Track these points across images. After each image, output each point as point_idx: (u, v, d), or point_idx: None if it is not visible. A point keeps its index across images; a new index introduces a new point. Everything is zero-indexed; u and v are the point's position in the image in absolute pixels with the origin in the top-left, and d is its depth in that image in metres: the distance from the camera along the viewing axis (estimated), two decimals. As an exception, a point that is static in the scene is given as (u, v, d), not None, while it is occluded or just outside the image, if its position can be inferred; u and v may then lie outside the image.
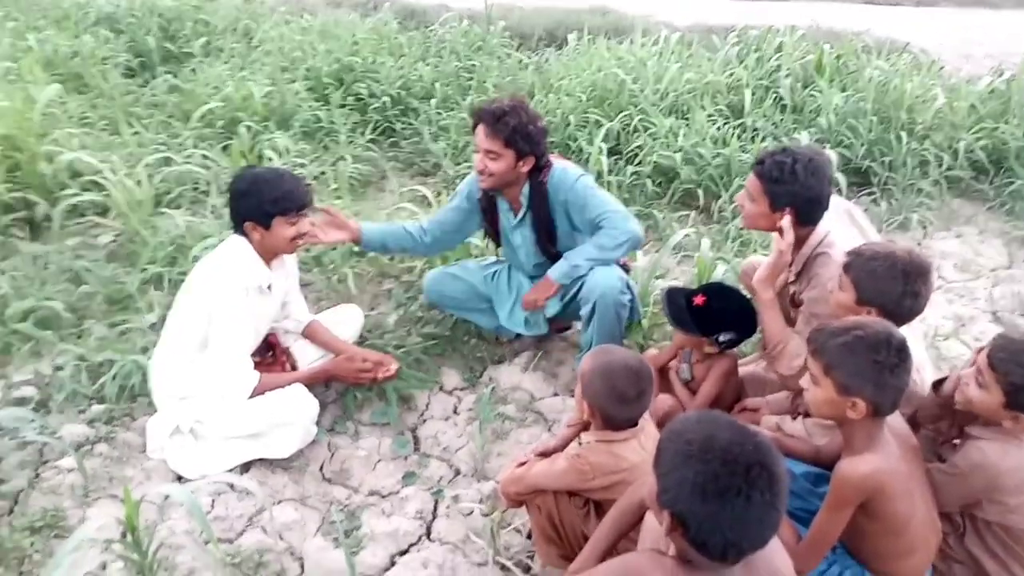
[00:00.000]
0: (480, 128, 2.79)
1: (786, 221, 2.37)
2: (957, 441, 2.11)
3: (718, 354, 2.58)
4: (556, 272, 2.92)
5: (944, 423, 2.14)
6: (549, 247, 3.02)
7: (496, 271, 3.24)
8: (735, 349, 2.65)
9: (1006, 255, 4.16)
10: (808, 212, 2.40)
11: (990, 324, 3.53)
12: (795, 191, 2.35)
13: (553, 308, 3.04)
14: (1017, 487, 1.92)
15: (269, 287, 2.70)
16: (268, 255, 2.69)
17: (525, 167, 2.84)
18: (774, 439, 1.54)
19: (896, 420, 1.99)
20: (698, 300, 2.48)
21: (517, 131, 2.74)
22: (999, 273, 3.99)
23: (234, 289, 2.58)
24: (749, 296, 2.63)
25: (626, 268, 3.03)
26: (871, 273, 2.12)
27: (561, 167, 2.92)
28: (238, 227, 2.64)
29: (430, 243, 3.15)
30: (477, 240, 3.54)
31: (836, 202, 2.62)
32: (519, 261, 3.15)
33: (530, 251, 3.08)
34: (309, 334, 2.98)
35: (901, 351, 1.82)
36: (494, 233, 3.15)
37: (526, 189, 2.92)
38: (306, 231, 2.68)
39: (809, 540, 1.92)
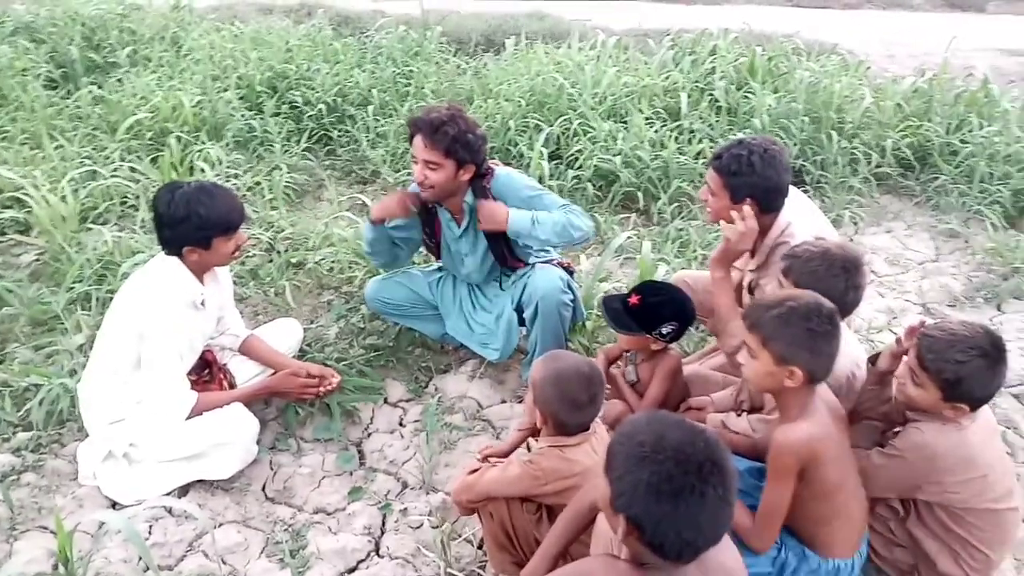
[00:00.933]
0: (418, 139, 2.75)
1: (747, 209, 2.44)
2: (899, 429, 2.17)
3: (662, 352, 2.61)
4: (516, 221, 2.76)
5: (889, 406, 2.19)
6: (506, 252, 2.97)
7: (440, 277, 3.21)
8: (677, 347, 2.67)
9: (933, 248, 4.31)
10: (769, 201, 2.48)
11: (920, 316, 3.64)
12: (754, 182, 2.42)
13: (499, 350, 3.04)
14: (955, 466, 1.99)
15: (203, 303, 2.62)
16: (202, 271, 2.62)
17: (466, 176, 2.81)
18: (718, 436, 1.58)
19: (824, 390, 2.06)
20: (633, 300, 2.51)
21: (457, 140, 2.70)
22: (927, 266, 4.12)
23: (166, 307, 2.50)
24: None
25: (569, 270, 3.03)
26: (812, 274, 2.16)
27: (505, 172, 2.91)
28: (173, 252, 2.54)
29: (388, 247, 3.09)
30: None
31: (797, 193, 2.70)
32: (464, 271, 3.11)
33: (479, 259, 3.04)
34: (246, 350, 2.90)
35: (831, 319, 1.91)
36: (435, 246, 3.10)
37: (469, 197, 2.89)
38: (243, 242, 2.62)
39: (760, 516, 1.97)
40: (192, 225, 2.46)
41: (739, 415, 2.43)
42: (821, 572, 2.03)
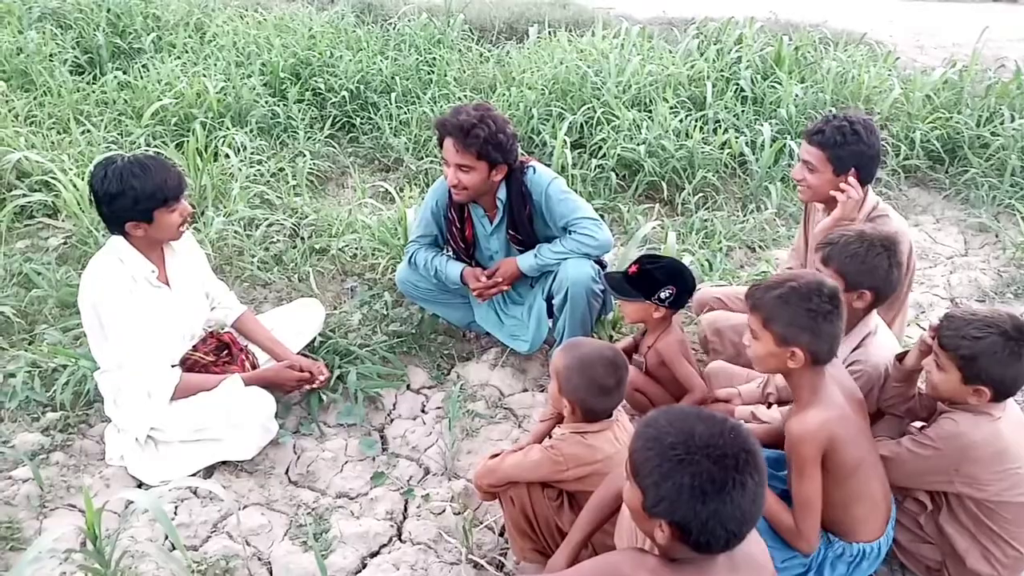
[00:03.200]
0: (449, 142, 2.73)
1: (852, 179, 2.54)
2: (924, 425, 2.14)
3: (665, 330, 2.64)
4: (525, 262, 2.91)
5: (916, 402, 2.17)
6: (528, 247, 2.96)
7: None
8: (680, 318, 2.73)
9: (962, 242, 4.24)
10: (870, 170, 2.59)
11: (948, 311, 3.58)
12: (860, 151, 2.52)
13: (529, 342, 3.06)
14: (990, 459, 1.97)
15: (164, 280, 2.59)
16: (154, 247, 2.57)
17: (499, 176, 2.81)
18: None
19: (840, 373, 2.05)
20: (632, 269, 2.60)
21: (488, 142, 2.69)
22: (956, 260, 4.06)
23: (112, 290, 2.46)
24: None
25: (602, 264, 3.01)
26: (854, 256, 2.17)
27: (538, 167, 2.90)
28: (116, 230, 2.50)
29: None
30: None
31: None
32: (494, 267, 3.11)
33: (508, 255, 3.03)
34: (240, 328, 2.86)
35: (833, 298, 1.90)
36: (465, 247, 3.06)
37: (502, 193, 2.88)
38: (188, 212, 2.55)
39: (799, 514, 1.95)
40: (128, 199, 2.39)
41: (768, 407, 2.41)
42: (846, 557, 2.02)
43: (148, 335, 2.52)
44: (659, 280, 2.55)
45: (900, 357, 2.21)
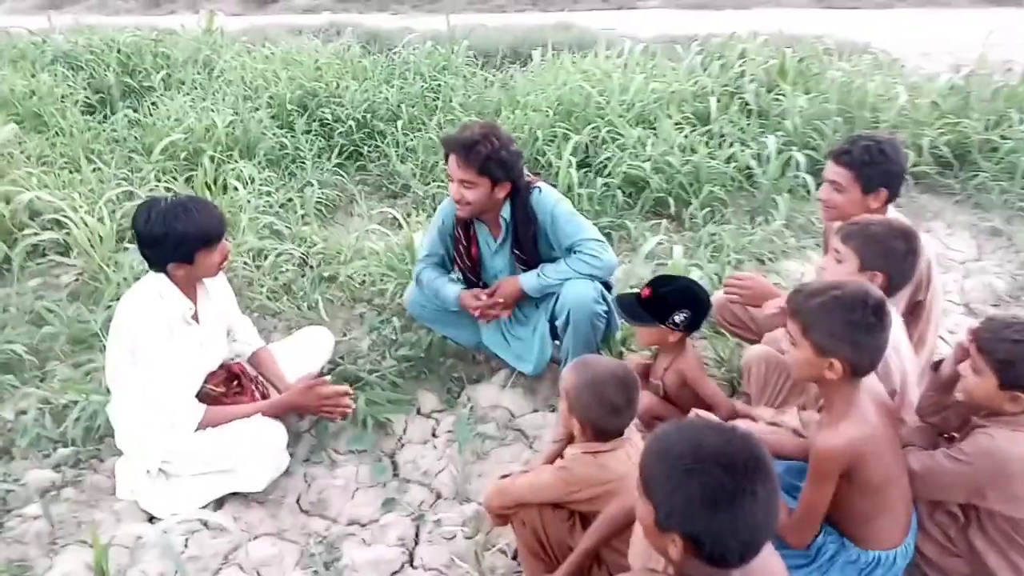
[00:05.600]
0: (452, 158, 2.76)
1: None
2: (956, 435, 2.09)
3: (681, 352, 2.61)
4: (527, 282, 2.89)
5: (950, 412, 2.12)
6: (532, 266, 2.93)
7: None
8: (694, 339, 2.68)
9: (975, 247, 4.19)
10: (896, 188, 2.57)
11: (963, 316, 3.54)
12: (888, 169, 2.52)
13: (533, 363, 3.04)
14: None
15: (195, 316, 2.60)
16: (191, 284, 2.60)
17: (502, 193, 2.82)
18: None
19: (873, 383, 2.00)
20: (645, 292, 2.55)
21: (491, 159, 2.70)
22: (969, 266, 4.01)
23: (153, 325, 2.47)
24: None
25: (607, 284, 2.99)
26: (872, 237, 2.17)
27: (544, 188, 2.90)
28: (158, 269, 2.52)
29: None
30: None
31: None
32: None
33: (511, 275, 3.02)
34: (255, 362, 2.87)
35: (878, 311, 1.83)
36: (471, 265, 3.06)
37: (505, 211, 2.89)
38: (228, 251, 2.58)
39: (799, 515, 1.92)
40: (172, 242, 2.42)
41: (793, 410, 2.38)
42: (860, 563, 1.97)
43: (179, 371, 2.54)
44: (673, 304, 2.50)
45: (935, 366, 2.16)
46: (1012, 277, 3.86)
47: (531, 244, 2.90)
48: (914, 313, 2.64)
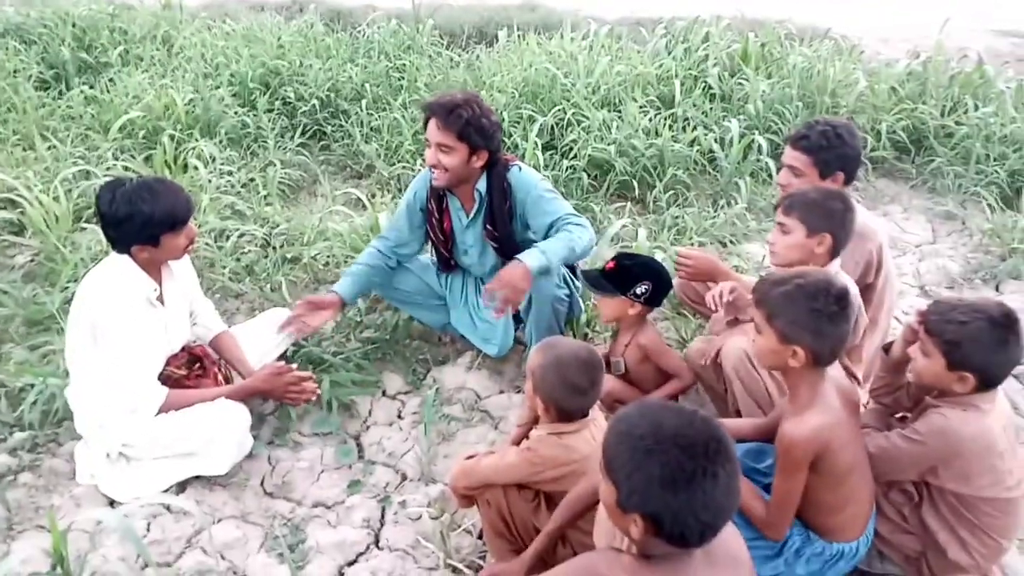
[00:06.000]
0: (432, 122, 2.75)
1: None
2: (909, 415, 2.15)
3: (641, 328, 2.66)
4: (533, 261, 2.64)
5: (902, 393, 2.17)
6: (504, 244, 2.93)
7: (449, 273, 3.19)
8: (655, 314, 2.72)
9: (930, 231, 4.29)
10: (852, 171, 2.64)
11: (918, 298, 3.63)
12: (845, 153, 2.59)
13: (498, 345, 3.06)
14: (976, 454, 1.95)
15: (159, 298, 2.57)
16: (155, 267, 2.56)
17: (479, 162, 2.80)
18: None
19: (838, 373, 2.05)
20: (609, 265, 2.63)
21: (470, 124, 2.70)
22: (924, 249, 4.11)
23: (116, 306, 2.43)
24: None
25: (572, 269, 3.01)
26: (812, 203, 2.30)
27: (524, 167, 2.90)
28: (122, 251, 2.47)
29: (397, 262, 3.11)
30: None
31: None
32: (466, 262, 3.11)
33: (481, 252, 3.03)
34: (217, 346, 2.82)
35: (840, 299, 1.87)
36: (443, 239, 3.05)
37: (481, 185, 2.88)
38: (194, 235, 2.54)
39: (774, 507, 1.96)
40: (136, 224, 2.37)
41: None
42: (825, 555, 2.02)
43: (142, 353, 2.50)
44: (636, 276, 2.58)
45: (886, 348, 2.21)
46: (965, 260, 3.96)
47: (505, 221, 2.89)
48: (864, 296, 2.70)
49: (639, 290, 2.58)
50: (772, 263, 2.50)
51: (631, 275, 2.58)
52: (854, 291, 1.99)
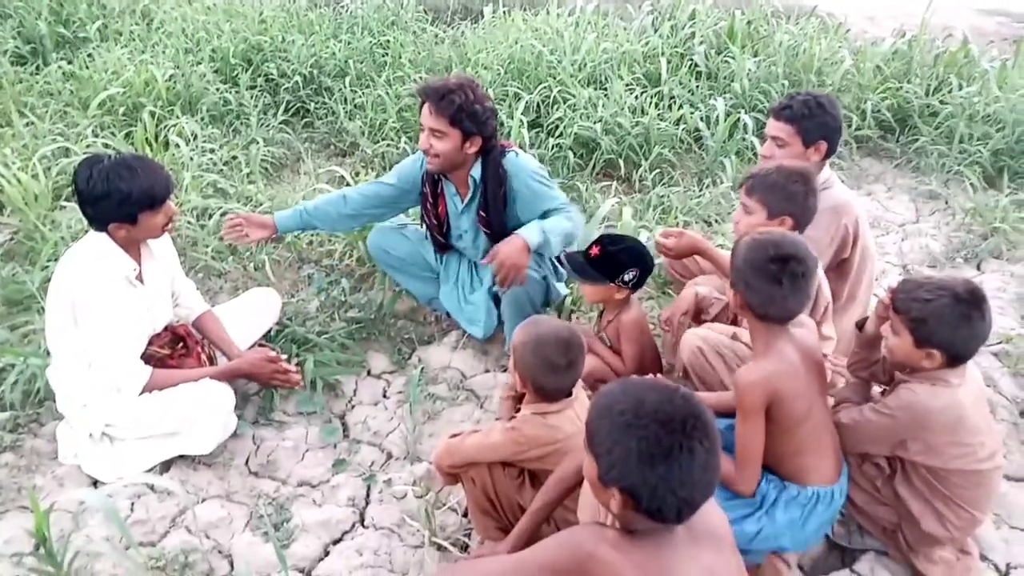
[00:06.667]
0: (425, 107, 2.73)
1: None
2: (885, 389, 2.19)
3: (624, 309, 2.66)
4: (533, 237, 2.70)
5: (877, 367, 2.21)
6: (496, 231, 2.90)
7: (445, 253, 3.18)
8: (638, 299, 2.73)
9: (913, 210, 4.32)
10: (834, 142, 2.67)
11: (900, 277, 3.65)
12: (826, 122, 2.63)
13: (483, 327, 3.06)
14: (945, 427, 2.01)
15: (139, 277, 2.54)
16: (134, 245, 2.52)
17: (472, 148, 2.78)
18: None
19: (805, 337, 2.11)
20: (594, 251, 2.59)
21: (463, 110, 2.68)
22: (907, 228, 4.13)
23: (95, 286, 2.40)
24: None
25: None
26: (774, 187, 2.34)
27: (521, 153, 2.88)
28: (99, 228, 2.44)
29: (350, 213, 3.04)
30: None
31: None
32: (460, 245, 3.10)
33: (475, 237, 3.01)
34: (200, 327, 2.81)
35: (777, 260, 1.96)
36: (437, 223, 3.03)
37: (476, 171, 2.86)
38: (173, 213, 2.51)
39: (739, 459, 2.02)
40: (113, 202, 2.34)
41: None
42: (801, 499, 2.06)
43: (123, 332, 2.47)
44: (623, 263, 2.56)
45: (860, 325, 2.24)
46: (948, 239, 3.99)
47: (498, 208, 2.87)
48: (839, 270, 2.73)
49: (627, 277, 2.56)
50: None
51: (618, 262, 2.56)
52: (812, 261, 2.03)
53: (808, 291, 2.02)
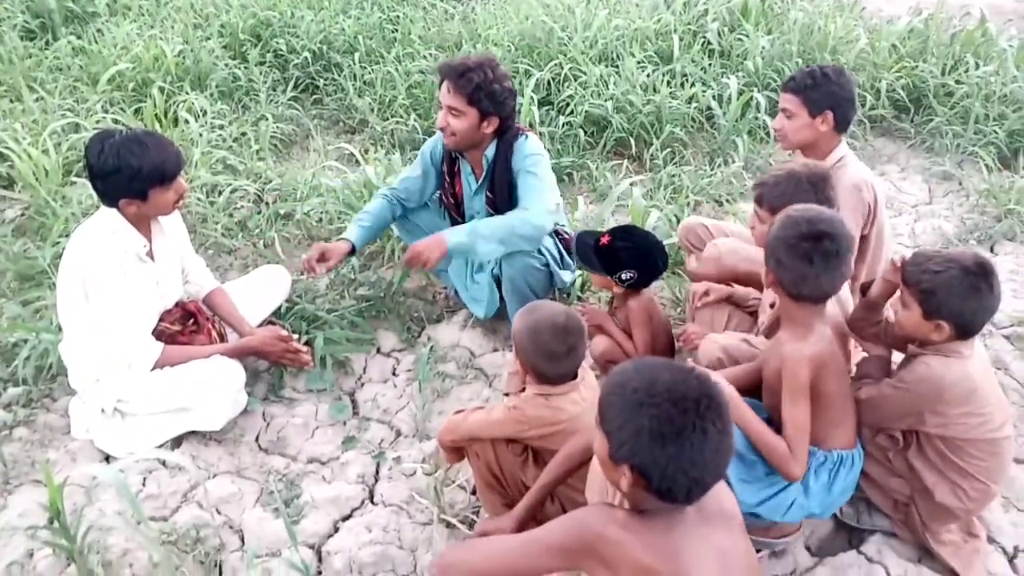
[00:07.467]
0: (444, 84, 2.72)
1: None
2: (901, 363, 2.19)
3: (634, 295, 2.64)
4: (455, 238, 2.74)
5: (879, 328, 2.22)
6: (502, 213, 2.87)
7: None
8: (650, 289, 2.69)
9: (926, 191, 4.28)
10: (844, 112, 2.66)
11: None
12: (832, 91, 2.63)
13: (484, 307, 3.04)
14: (959, 399, 2.02)
15: (149, 254, 2.55)
16: (144, 222, 2.53)
17: (489, 128, 2.77)
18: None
19: (830, 308, 2.10)
20: (604, 240, 2.57)
21: (481, 88, 2.66)
22: (920, 209, 4.09)
23: (105, 263, 2.41)
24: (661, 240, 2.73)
25: (561, 237, 2.99)
26: (783, 196, 2.28)
27: (532, 139, 2.85)
28: (109, 203, 2.44)
29: (402, 214, 3.09)
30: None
31: None
32: None
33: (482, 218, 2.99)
34: (211, 304, 2.81)
35: (810, 237, 1.94)
36: (454, 203, 3.03)
37: (490, 152, 2.84)
38: (184, 190, 2.51)
39: (789, 438, 2.00)
40: (124, 177, 2.34)
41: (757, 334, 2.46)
42: (828, 464, 2.09)
43: (134, 308, 2.49)
44: (622, 261, 2.54)
45: (864, 288, 2.24)
46: (961, 221, 3.95)
47: (504, 191, 2.86)
48: (859, 248, 2.71)
49: (623, 276, 2.55)
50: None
51: (618, 259, 2.54)
52: (848, 239, 2.01)
53: (843, 270, 1.99)
